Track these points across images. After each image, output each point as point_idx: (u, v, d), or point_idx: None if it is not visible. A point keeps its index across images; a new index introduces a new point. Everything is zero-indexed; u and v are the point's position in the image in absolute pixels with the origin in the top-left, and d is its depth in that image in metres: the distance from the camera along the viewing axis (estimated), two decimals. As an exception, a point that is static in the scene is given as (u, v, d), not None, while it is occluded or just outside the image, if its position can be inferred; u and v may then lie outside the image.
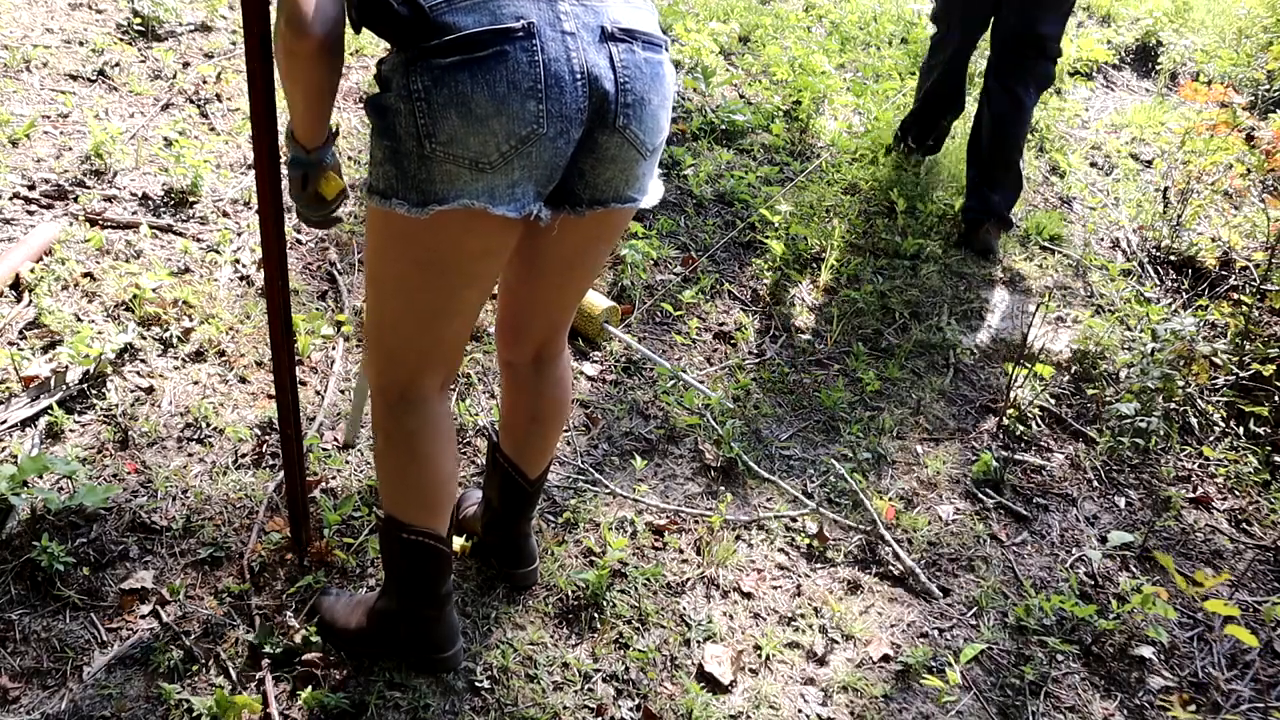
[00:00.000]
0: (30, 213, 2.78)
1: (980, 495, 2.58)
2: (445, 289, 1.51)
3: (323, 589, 1.93)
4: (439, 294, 1.52)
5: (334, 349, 2.59)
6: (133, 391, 2.32)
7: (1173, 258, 3.79)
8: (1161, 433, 2.84)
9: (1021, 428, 2.83)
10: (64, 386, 2.25)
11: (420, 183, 1.37)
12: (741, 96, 4.53)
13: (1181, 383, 2.93)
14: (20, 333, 2.39)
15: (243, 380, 2.43)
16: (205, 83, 3.58)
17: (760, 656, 2.01)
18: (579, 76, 1.37)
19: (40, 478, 2.04)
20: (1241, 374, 3.02)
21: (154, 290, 2.55)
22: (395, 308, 1.54)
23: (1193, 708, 2.03)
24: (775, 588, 2.18)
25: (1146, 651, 2.18)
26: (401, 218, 1.41)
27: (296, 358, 1.95)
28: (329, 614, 1.86)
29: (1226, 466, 2.80)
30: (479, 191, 1.37)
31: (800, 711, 1.91)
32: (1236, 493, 2.75)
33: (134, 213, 2.90)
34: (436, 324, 1.56)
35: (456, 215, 1.40)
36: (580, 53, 1.38)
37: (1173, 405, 2.92)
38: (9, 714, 1.66)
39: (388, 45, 1.38)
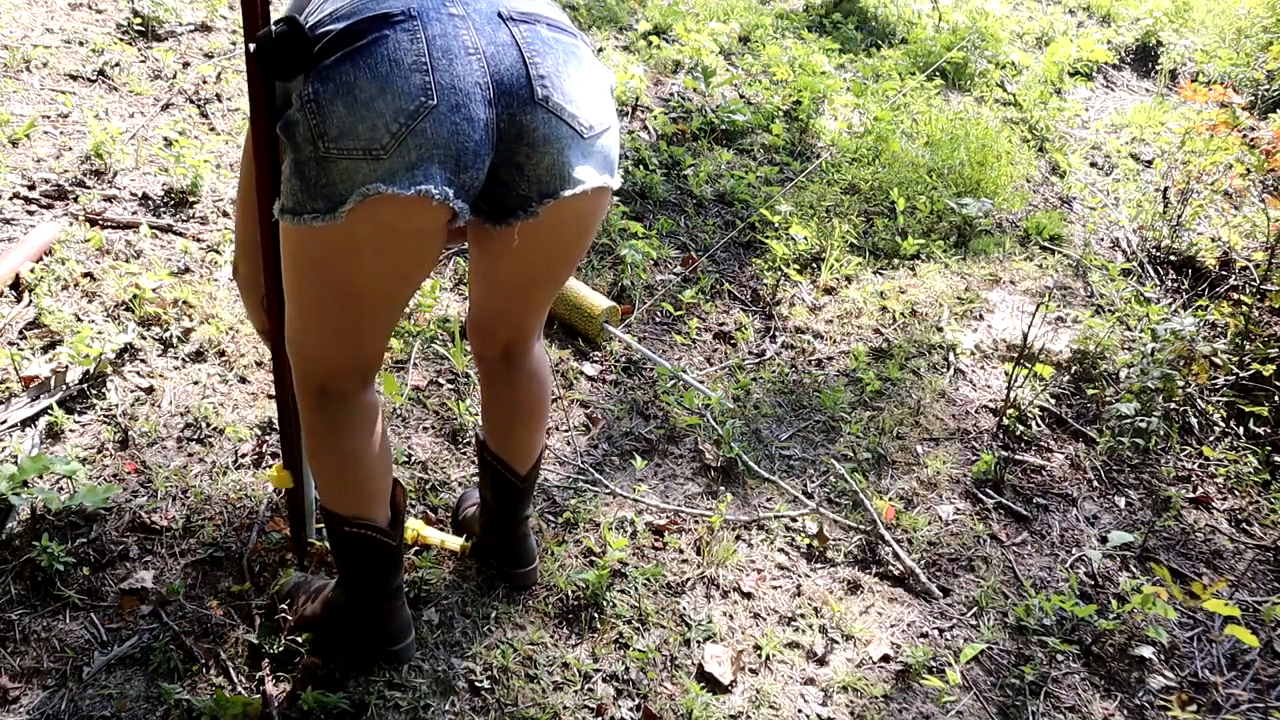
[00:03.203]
0: (30, 213, 2.78)
1: (980, 495, 2.58)
2: (357, 309, 1.50)
3: (295, 578, 1.94)
4: (351, 314, 1.50)
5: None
6: (133, 391, 2.32)
7: (1173, 258, 3.79)
8: (1161, 433, 2.84)
9: (1021, 428, 2.83)
10: (64, 386, 2.25)
11: (322, 188, 1.34)
12: (741, 96, 4.53)
13: (1181, 383, 2.93)
14: (20, 333, 2.39)
15: (243, 380, 2.43)
16: (205, 83, 3.58)
17: (760, 656, 2.01)
18: (471, 51, 1.33)
19: (40, 478, 2.04)
20: (1241, 374, 3.02)
21: (154, 290, 2.55)
22: (310, 321, 1.53)
23: (1193, 708, 2.03)
24: (775, 588, 2.18)
25: (1146, 651, 2.18)
26: (312, 238, 1.38)
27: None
28: (291, 596, 1.89)
29: (1226, 466, 2.80)
30: (377, 177, 1.32)
31: (800, 711, 1.91)
32: (1236, 493, 2.75)
33: (134, 213, 2.90)
34: (349, 339, 1.55)
35: (364, 225, 1.36)
36: (471, 31, 1.34)
37: (1173, 405, 2.92)
38: (9, 714, 1.66)
39: None
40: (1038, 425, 2.86)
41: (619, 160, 1.57)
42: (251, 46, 1.36)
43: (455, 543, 2.07)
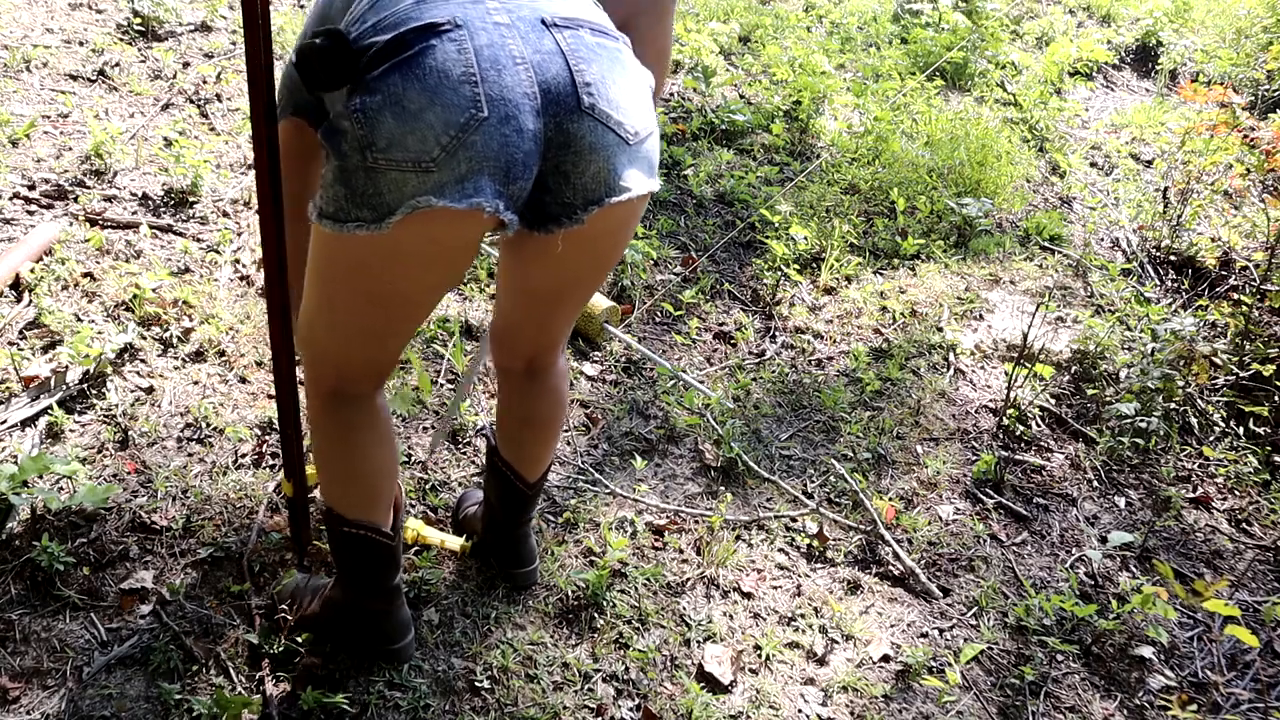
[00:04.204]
0: (30, 213, 2.78)
1: (980, 495, 2.58)
2: (386, 315, 1.50)
3: (295, 578, 1.93)
4: (380, 319, 1.50)
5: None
6: (133, 391, 2.32)
7: (1173, 258, 3.79)
8: (1161, 433, 2.84)
9: (1021, 428, 2.83)
10: (64, 386, 2.25)
11: (369, 197, 1.33)
12: (741, 96, 4.53)
13: (1181, 383, 2.93)
14: (20, 333, 2.39)
15: (243, 380, 2.43)
16: (205, 83, 3.58)
17: (760, 656, 2.01)
18: (519, 61, 1.32)
19: (40, 478, 2.04)
20: (1241, 374, 3.02)
21: (154, 290, 2.55)
22: (332, 322, 1.53)
23: (1193, 708, 2.03)
24: (775, 588, 2.18)
25: (1146, 651, 2.18)
26: (351, 245, 1.38)
27: (296, 358, 1.94)
28: (297, 600, 1.88)
29: (1226, 466, 2.80)
30: (427, 190, 1.31)
31: (800, 711, 1.91)
32: (1236, 493, 2.75)
33: (134, 213, 2.90)
34: (372, 343, 1.55)
35: (410, 236, 1.35)
36: (517, 40, 1.33)
37: (1173, 405, 2.92)
38: (9, 714, 1.66)
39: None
40: (1038, 425, 2.86)
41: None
42: (292, 58, 1.36)
43: (455, 543, 2.07)
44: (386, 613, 1.80)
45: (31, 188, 2.87)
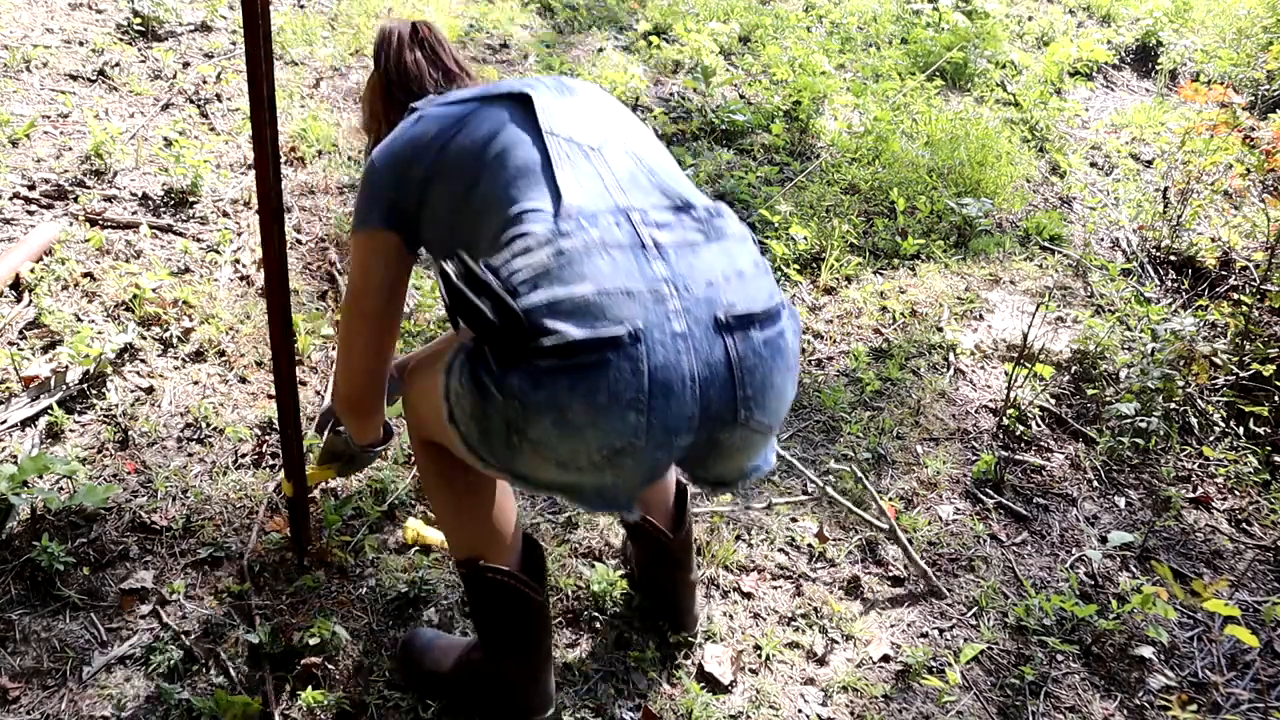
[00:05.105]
0: (30, 213, 2.78)
1: (980, 495, 2.58)
2: None
3: (417, 629, 1.86)
4: None
5: (334, 349, 2.59)
6: (133, 391, 2.32)
7: (1173, 258, 3.79)
8: (1161, 433, 2.84)
9: (1021, 428, 2.82)
10: (64, 386, 2.25)
11: (504, 461, 1.32)
12: (741, 96, 4.53)
13: (1181, 383, 2.93)
14: (20, 333, 2.40)
15: (243, 380, 2.43)
16: (205, 83, 3.58)
17: (760, 656, 2.01)
18: (689, 382, 1.28)
19: (40, 478, 2.04)
20: (1241, 374, 3.02)
21: (154, 290, 2.55)
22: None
23: (1193, 708, 2.03)
24: (775, 588, 2.18)
25: (1146, 651, 2.18)
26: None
27: (296, 358, 1.95)
28: (419, 656, 1.80)
29: (1226, 466, 2.80)
30: (564, 486, 1.32)
31: (800, 711, 1.91)
32: (1236, 493, 2.75)
33: (134, 213, 2.90)
34: None
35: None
36: (691, 354, 1.29)
37: (1173, 405, 2.92)
38: (9, 714, 1.66)
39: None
40: (1038, 425, 2.86)
41: None
42: (445, 297, 1.26)
43: None
44: (532, 680, 1.69)
45: (31, 188, 2.87)
